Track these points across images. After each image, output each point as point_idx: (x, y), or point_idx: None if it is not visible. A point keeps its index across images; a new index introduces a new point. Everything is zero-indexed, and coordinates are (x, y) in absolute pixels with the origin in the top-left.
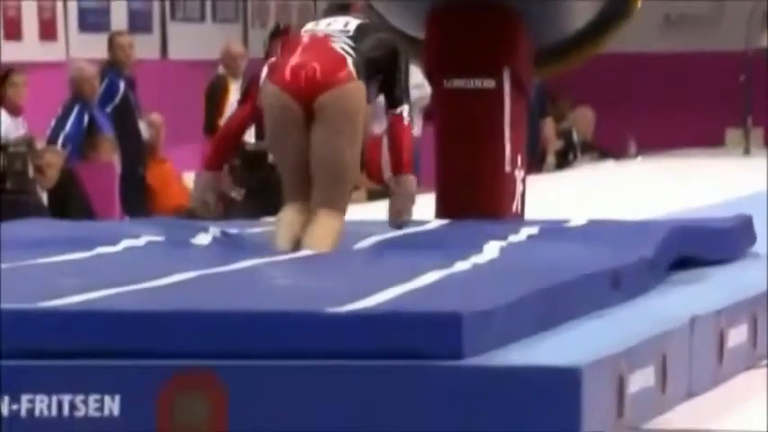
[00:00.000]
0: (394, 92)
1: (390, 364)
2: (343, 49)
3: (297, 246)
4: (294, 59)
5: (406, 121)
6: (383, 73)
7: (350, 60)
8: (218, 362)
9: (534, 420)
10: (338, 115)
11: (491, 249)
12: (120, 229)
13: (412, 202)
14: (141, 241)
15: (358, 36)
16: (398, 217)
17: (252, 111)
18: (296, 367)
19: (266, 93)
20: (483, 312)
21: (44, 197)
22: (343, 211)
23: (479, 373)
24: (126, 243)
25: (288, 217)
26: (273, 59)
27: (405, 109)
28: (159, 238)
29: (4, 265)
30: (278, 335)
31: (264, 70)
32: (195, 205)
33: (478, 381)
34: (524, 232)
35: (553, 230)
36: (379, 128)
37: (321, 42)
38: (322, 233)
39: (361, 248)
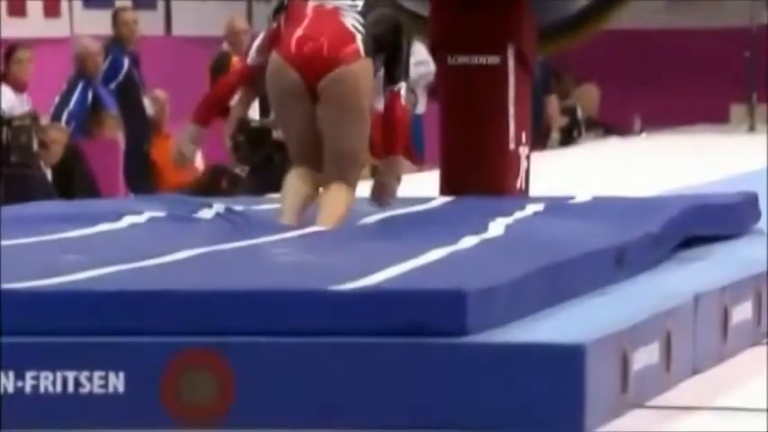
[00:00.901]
0: (394, 69)
1: (394, 341)
2: (354, 26)
3: (301, 214)
4: (300, 31)
5: (403, 100)
6: (385, 50)
7: (359, 37)
8: (223, 339)
9: (538, 397)
10: (347, 95)
11: (495, 226)
12: (122, 207)
13: (398, 183)
14: (144, 218)
15: (365, 11)
16: (381, 198)
17: (246, 71)
18: (300, 344)
19: (271, 62)
20: (487, 289)
21: (48, 173)
22: (354, 186)
23: (483, 350)
24: (129, 220)
25: (295, 181)
26: (275, 25)
27: (402, 86)
28: (162, 215)
29: (7, 242)
30: (282, 312)
31: (261, 35)
32: (174, 154)
33: (482, 358)
34: (529, 209)
35: (557, 207)
36: (382, 104)
37: (330, 16)
38: (334, 204)
39: (365, 226)
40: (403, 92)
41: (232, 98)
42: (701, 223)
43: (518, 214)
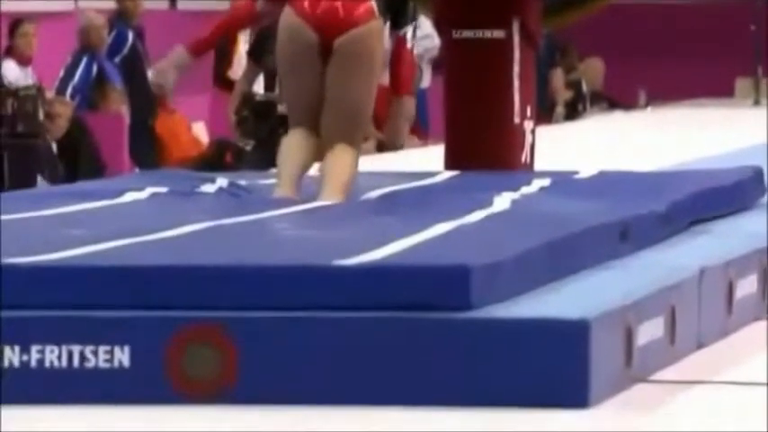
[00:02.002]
0: (399, 17)
1: (398, 316)
2: None
3: (299, 185)
4: None
5: (408, 43)
6: (391, 11)
7: None
8: (227, 314)
9: (542, 372)
10: (359, 56)
11: (500, 201)
12: (124, 183)
13: (409, 123)
14: (146, 193)
15: None
16: (396, 140)
17: (254, 12)
18: (304, 319)
19: (284, 18)
20: (491, 264)
21: (54, 147)
22: (359, 148)
23: (487, 325)
24: (131, 196)
25: (294, 148)
26: None
27: (408, 30)
28: (165, 190)
29: (10, 217)
30: (285, 287)
31: None
32: (152, 74)
33: (486, 333)
34: (533, 184)
35: (562, 182)
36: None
37: None
38: (341, 171)
39: (369, 200)
40: (408, 35)
41: (233, 35)
42: (708, 204)
43: (522, 189)
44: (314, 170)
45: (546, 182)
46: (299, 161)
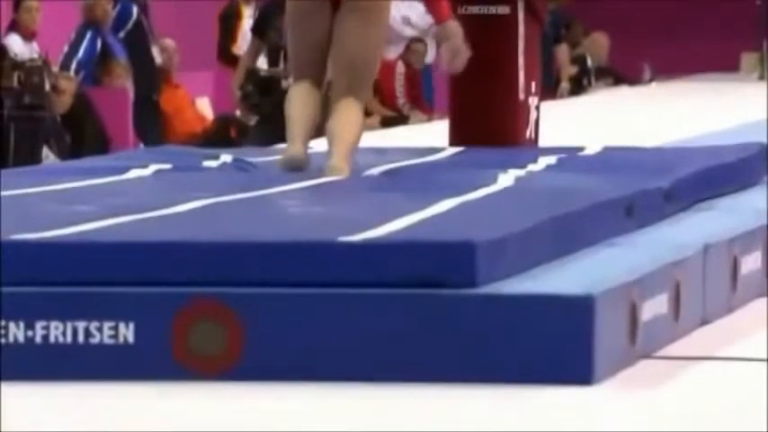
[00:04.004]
0: None
1: (403, 292)
2: None
3: (310, 140)
4: None
5: None
6: None
7: None
8: (232, 290)
9: (546, 348)
10: (367, 9)
11: (505, 177)
12: (127, 160)
13: (463, 42)
14: (150, 170)
15: None
16: (456, 58)
17: None
18: (309, 296)
19: None
20: (496, 241)
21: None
22: (364, 102)
23: (492, 301)
24: (135, 172)
25: (299, 104)
26: None
27: None
28: (169, 167)
29: (13, 193)
30: (290, 264)
31: None
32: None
33: (492, 309)
34: (538, 160)
35: (567, 158)
36: (393, 53)
37: None
38: (347, 131)
39: (374, 176)
40: None
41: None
42: (713, 181)
43: (527, 165)
44: (317, 145)
45: (550, 158)
46: (308, 117)
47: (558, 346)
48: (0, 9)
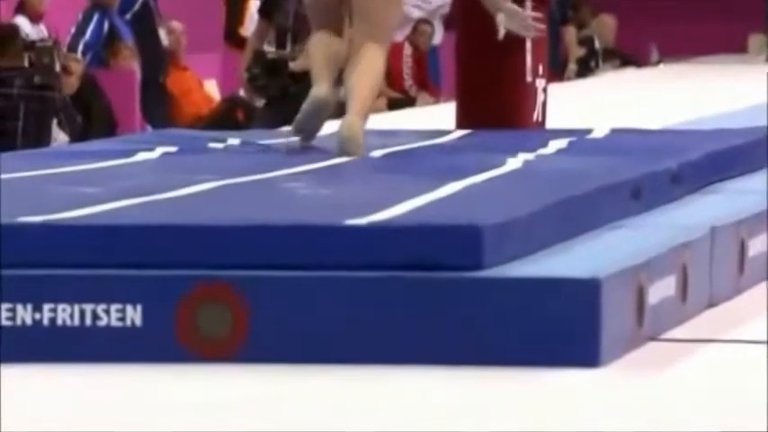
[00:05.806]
0: None
1: (409, 275)
2: None
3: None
4: None
5: None
6: None
7: None
8: (239, 272)
9: (553, 331)
10: None
11: (511, 160)
12: (134, 143)
13: (524, 13)
14: (157, 153)
15: None
16: (527, 29)
17: None
18: (315, 278)
19: None
20: (503, 224)
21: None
22: (386, 49)
23: (499, 284)
24: (142, 155)
25: (322, 45)
26: None
27: None
28: (175, 150)
29: (21, 175)
30: (297, 246)
31: None
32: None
33: (498, 293)
34: (546, 142)
35: (574, 140)
36: (400, 35)
37: None
38: (365, 69)
39: (381, 158)
40: None
41: None
42: (721, 164)
43: (534, 148)
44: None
45: (557, 140)
46: (330, 57)
47: (564, 329)
48: None
